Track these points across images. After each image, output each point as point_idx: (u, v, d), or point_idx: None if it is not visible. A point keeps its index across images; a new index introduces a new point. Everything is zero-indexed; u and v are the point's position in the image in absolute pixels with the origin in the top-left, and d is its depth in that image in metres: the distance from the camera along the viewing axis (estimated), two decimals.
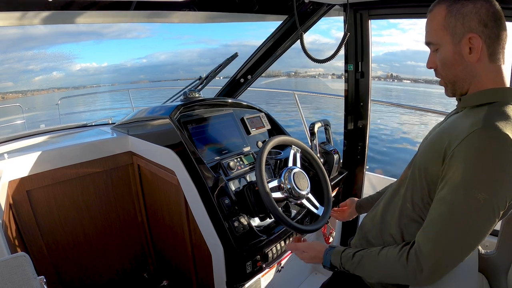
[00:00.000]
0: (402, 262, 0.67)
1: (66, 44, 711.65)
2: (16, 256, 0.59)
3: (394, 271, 0.70)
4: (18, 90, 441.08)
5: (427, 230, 0.66)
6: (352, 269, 0.78)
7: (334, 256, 0.82)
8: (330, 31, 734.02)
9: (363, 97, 1.57)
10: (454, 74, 0.71)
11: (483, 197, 0.58)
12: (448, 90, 0.75)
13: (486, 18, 0.64)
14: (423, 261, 0.64)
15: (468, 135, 0.60)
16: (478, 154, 0.59)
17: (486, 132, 0.59)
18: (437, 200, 0.65)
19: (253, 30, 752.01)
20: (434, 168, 0.67)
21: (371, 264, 0.75)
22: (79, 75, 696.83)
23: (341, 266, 0.80)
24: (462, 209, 0.60)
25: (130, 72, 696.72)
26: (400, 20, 3.87)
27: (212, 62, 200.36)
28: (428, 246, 0.64)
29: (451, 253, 0.63)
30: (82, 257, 1.50)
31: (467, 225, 0.61)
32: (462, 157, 0.60)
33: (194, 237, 1.26)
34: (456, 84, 0.72)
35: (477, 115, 0.64)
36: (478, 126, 0.60)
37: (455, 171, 0.61)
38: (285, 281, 1.48)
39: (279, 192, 1.04)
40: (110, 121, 2.02)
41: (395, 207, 0.80)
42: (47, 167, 1.31)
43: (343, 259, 0.80)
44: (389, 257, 0.71)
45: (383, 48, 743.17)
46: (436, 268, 0.64)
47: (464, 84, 0.71)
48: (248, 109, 1.53)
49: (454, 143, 0.62)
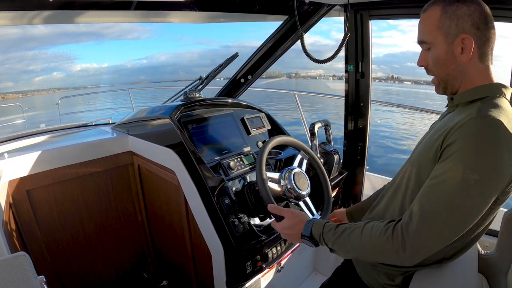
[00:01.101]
0: (388, 236, 0.66)
1: (66, 45, 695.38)
2: (16, 256, 0.59)
3: (377, 245, 0.68)
4: (18, 90, 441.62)
5: (415, 205, 0.66)
6: (332, 240, 0.74)
7: (316, 225, 0.79)
8: (330, 32, 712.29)
9: (363, 97, 1.57)
10: (446, 72, 0.73)
11: (474, 177, 0.59)
12: (440, 87, 0.77)
13: (479, 21, 0.67)
14: (408, 236, 0.63)
15: (463, 123, 0.62)
16: (473, 139, 0.61)
17: (481, 119, 0.62)
18: (430, 178, 0.66)
19: (253, 31, 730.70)
20: (432, 165, 0.68)
21: (353, 236, 0.72)
22: (80, 75, 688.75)
23: (322, 236, 0.77)
24: (452, 187, 0.61)
25: (130, 73, 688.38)
26: (400, 21, 3.87)
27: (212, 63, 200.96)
28: (415, 221, 0.63)
29: (437, 229, 0.62)
30: (82, 256, 1.50)
31: (455, 202, 0.61)
32: (458, 142, 0.62)
33: (194, 237, 1.26)
34: (448, 82, 0.75)
35: (471, 109, 0.67)
36: (473, 116, 0.63)
37: (450, 154, 0.63)
38: (285, 281, 1.49)
39: (278, 188, 1.04)
40: (110, 121, 2.02)
41: (395, 208, 0.80)
42: (47, 166, 1.31)
43: (325, 229, 0.77)
44: (374, 230, 0.69)
45: (383, 49, 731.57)
46: (421, 245, 0.63)
47: (456, 82, 0.74)
48: (248, 109, 1.53)
49: (450, 132, 0.64)
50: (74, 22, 1.28)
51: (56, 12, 1.18)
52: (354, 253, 0.73)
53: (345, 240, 0.73)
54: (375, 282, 0.84)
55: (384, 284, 0.82)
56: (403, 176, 0.80)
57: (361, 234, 0.70)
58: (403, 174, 0.80)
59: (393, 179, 0.87)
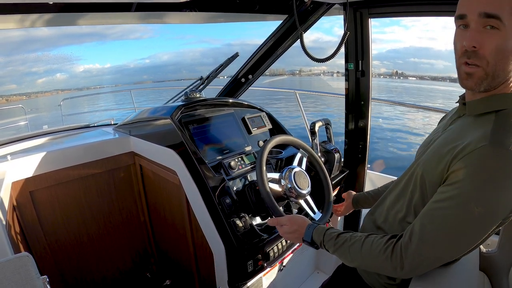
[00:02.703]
0: (387, 254, 0.66)
1: (69, 46, 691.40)
2: (19, 256, 0.60)
3: (376, 261, 0.68)
4: (21, 92, 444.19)
5: (416, 225, 0.64)
6: (333, 250, 0.75)
7: (317, 232, 0.79)
8: (332, 29, 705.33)
9: (364, 95, 1.57)
10: (503, 68, 0.58)
11: (479, 210, 0.57)
12: (483, 83, 0.60)
13: None
14: (407, 257, 0.64)
15: (474, 149, 0.57)
16: (482, 171, 0.57)
17: (493, 150, 0.56)
18: (433, 201, 0.64)
19: (255, 29, 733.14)
20: (438, 180, 0.65)
21: (353, 249, 0.72)
22: (82, 76, 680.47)
23: (322, 243, 0.77)
24: (456, 217, 0.59)
25: (133, 72, 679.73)
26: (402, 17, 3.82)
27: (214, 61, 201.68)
28: (414, 242, 0.63)
29: (436, 253, 0.62)
30: (85, 257, 1.52)
31: (456, 231, 0.60)
32: (465, 171, 0.58)
33: (196, 236, 1.27)
34: (496, 80, 0.60)
35: (484, 127, 0.60)
36: (485, 143, 0.57)
37: (456, 182, 0.59)
38: (287, 280, 1.49)
39: (279, 188, 1.04)
40: (112, 122, 2.03)
41: (397, 213, 0.79)
42: (50, 168, 1.32)
43: (325, 237, 0.77)
44: (374, 247, 0.69)
45: (386, 45, 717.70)
46: (419, 264, 0.64)
47: (501, 82, 0.61)
48: (249, 109, 1.53)
49: (459, 155, 0.60)
50: (76, 24, 1.28)
51: (58, 15, 1.19)
52: (354, 263, 0.75)
53: (346, 251, 0.74)
54: (376, 281, 0.84)
55: (385, 284, 0.82)
56: (409, 181, 0.76)
57: (361, 248, 0.71)
58: (409, 179, 0.77)
59: (398, 179, 0.84)
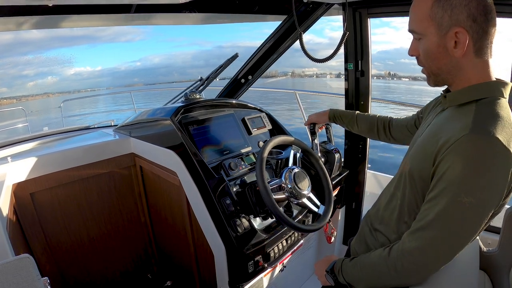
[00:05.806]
0: (385, 256, 0.69)
1: (60, 49, 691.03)
2: (20, 258, 0.60)
3: (379, 267, 0.71)
4: (12, 95, 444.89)
5: (413, 229, 0.66)
6: (347, 272, 0.80)
7: (339, 261, 0.84)
8: (323, 30, 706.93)
9: (364, 95, 1.57)
10: (438, 66, 0.68)
11: (469, 201, 0.57)
12: (431, 80, 0.72)
13: (476, 12, 0.60)
14: (405, 259, 0.65)
15: (456, 140, 0.59)
16: (466, 160, 0.58)
17: (475, 138, 0.58)
18: (426, 201, 0.65)
19: (247, 31, 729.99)
20: (426, 174, 0.66)
21: (363, 263, 0.76)
22: (73, 79, 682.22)
23: (340, 269, 0.81)
24: (448, 211, 0.60)
25: (124, 75, 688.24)
26: (394, 18, 3.83)
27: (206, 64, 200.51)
28: (412, 244, 0.65)
29: (434, 253, 0.63)
30: (86, 258, 1.51)
31: (451, 227, 0.61)
32: (451, 162, 0.59)
33: (196, 237, 1.27)
34: (439, 77, 0.69)
35: (466, 117, 0.62)
36: (466, 132, 0.58)
37: (443, 175, 0.61)
38: (288, 281, 1.49)
39: (280, 192, 1.04)
40: (112, 123, 2.03)
41: (392, 213, 0.80)
42: (50, 169, 1.33)
43: (344, 263, 0.82)
44: (376, 254, 0.73)
45: (377, 46, 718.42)
46: (418, 266, 0.65)
47: (448, 77, 0.68)
48: (249, 110, 1.53)
49: (443, 148, 0.61)
50: (69, 26, 1.28)
51: (50, 17, 1.18)
52: (364, 282, 0.77)
53: (357, 271, 0.78)
54: None
55: None
56: (400, 178, 0.78)
57: (367, 262, 0.75)
58: (399, 177, 0.79)
59: (392, 178, 0.86)
